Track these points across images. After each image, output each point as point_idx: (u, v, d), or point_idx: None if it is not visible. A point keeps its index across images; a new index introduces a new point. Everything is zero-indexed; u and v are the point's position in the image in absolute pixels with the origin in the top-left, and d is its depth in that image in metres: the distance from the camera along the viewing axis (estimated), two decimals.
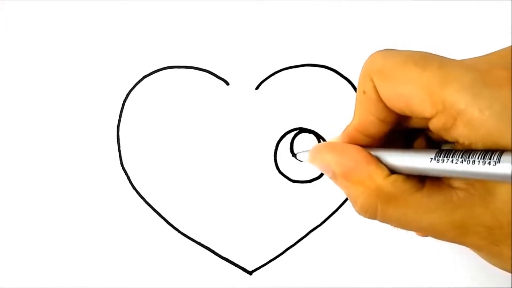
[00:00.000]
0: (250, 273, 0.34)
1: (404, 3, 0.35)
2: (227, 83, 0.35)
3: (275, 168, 0.35)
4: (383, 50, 0.22)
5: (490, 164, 0.18)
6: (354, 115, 0.24)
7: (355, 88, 0.35)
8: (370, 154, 0.23)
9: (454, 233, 0.21)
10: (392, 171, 0.22)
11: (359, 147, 0.23)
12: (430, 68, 0.20)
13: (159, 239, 0.34)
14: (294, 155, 0.35)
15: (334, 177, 0.24)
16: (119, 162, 0.34)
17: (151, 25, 0.35)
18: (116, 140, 0.35)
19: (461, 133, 0.19)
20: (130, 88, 0.35)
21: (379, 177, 0.22)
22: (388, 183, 0.21)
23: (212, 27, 0.35)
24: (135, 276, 0.34)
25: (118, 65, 0.35)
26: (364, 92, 0.22)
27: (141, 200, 0.34)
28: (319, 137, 0.35)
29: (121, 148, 0.35)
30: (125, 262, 0.34)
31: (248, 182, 0.35)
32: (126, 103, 0.35)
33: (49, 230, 0.34)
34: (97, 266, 0.34)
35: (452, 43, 0.35)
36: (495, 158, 0.18)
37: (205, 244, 0.34)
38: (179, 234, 0.34)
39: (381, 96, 0.22)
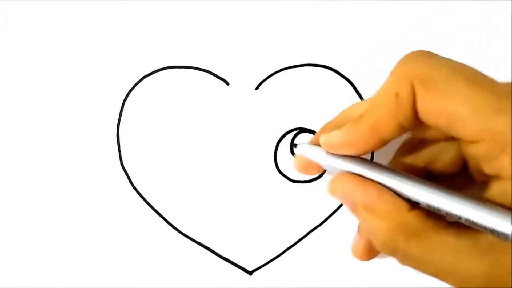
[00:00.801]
0: (250, 273, 0.34)
1: (404, 3, 0.35)
2: (227, 83, 0.35)
3: (275, 168, 0.35)
4: (424, 52, 0.20)
5: None
6: (370, 113, 0.22)
7: (355, 88, 0.35)
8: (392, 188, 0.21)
9: (481, 281, 0.19)
10: (414, 203, 0.20)
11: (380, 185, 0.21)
12: (482, 91, 0.18)
13: (159, 239, 0.34)
14: (293, 148, 0.34)
15: (354, 208, 0.22)
16: (119, 162, 0.34)
17: (151, 25, 0.35)
18: (116, 140, 0.35)
19: (505, 167, 0.18)
20: (130, 88, 0.35)
21: (403, 211, 0.20)
22: (412, 216, 0.20)
23: (212, 27, 0.35)
24: (135, 276, 0.34)
25: (118, 65, 0.35)
26: (396, 95, 0.20)
27: (141, 200, 0.34)
28: None
29: (121, 148, 0.35)
30: (125, 262, 0.34)
31: (248, 182, 0.35)
32: (126, 103, 0.35)
33: (49, 230, 0.34)
34: (97, 266, 0.34)
35: (452, 43, 0.35)
36: None
37: (205, 244, 0.34)
38: (179, 234, 0.34)
39: (419, 105, 0.20)
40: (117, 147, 0.35)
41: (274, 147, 0.35)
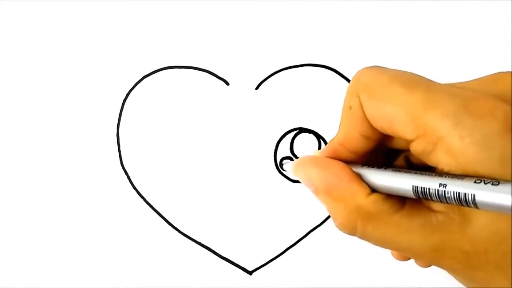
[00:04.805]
0: (250, 273, 0.34)
1: (404, 3, 0.35)
2: (227, 83, 0.35)
3: (275, 168, 0.35)
4: (372, 66, 0.22)
5: (466, 196, 0.18)
6: (339, 129, 0.24)
7: None
8: (353, 171, 0.23)
9: (431, 256, 0.21)
10: (374, 189, 0.22)
11: (343, 164, 0.23)
12: (415, 91, 0.20)
13: (159, 239, 0.34)
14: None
15: (316, 191, 0.24)
16: (119, 162, 0.34)
17: (151, 25, 0.35)
18: (116, 140, 0.35)
19: (441, 159, 0.19)
20: (130, 88, 0.35)
21: (360, 196, 0.22)
22: (369, 202, 0.22)
23: (212, 27, 0.35)
24: (135, 276, 0.34)
25: (118, 65, 0.35)
26: (350, 108, 0.22)
27: (141, 200, 0.34)
28: (319, 137, 0.35)
29: (121, 148, 0.35)
30: (125, 262, 0.34)
31: (248, 182, 0.35)
32: (126, 103, 0.35)
33: (49, 230, 0.34)
34: (97, 266, 0.34)
35: (452, 43, 0.35)
36: (470, 194, 0.18)
37: (205, 244, 0.34)
38: (179, 234, 0.34)
39: (366, 113, 0.22)
40: (117, 147, 0.35)
41: (274, 147, 0.35)
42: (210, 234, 0.34)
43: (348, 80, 0.35)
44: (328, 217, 0.35)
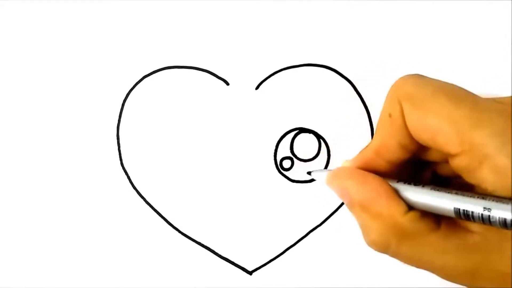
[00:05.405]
0: (250, 273, 0.34)
1: (404, 3, 0.35)
2: (227, 83, 0.35)
3: (275, 168, 0.35)
4: (414, 74, 0.22)
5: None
6: (375, 136, 0.23)
7: (355, 88, 0.35)
8: (391, 187, 0.22)
9: (467, 277, 0.20)
10: (409, 206, 0.21)
11: (381, 179, 0.22)
12: (463, 106, 0.19)
13: (159, 239, 0.34)
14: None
15: (351, 205, 0.23)
16: (119, 162, 0.34)
17: (151, 25, 0.35)
18: (116, 140, 0.35)
19: (485, 178, 0.19)
20: (130, 88, 0.35)
21: (398, 213, 0.21)
22: (406, 220, 0.21)
23: (212, 27, 0.35)
24: (135, 276, 0.34)
25: (118, 65, 0.35)
26: (390, 115, 0.22)
27: (141, 200, 0.34)
28: (319, 137, 0.35)
29: (121, 148, 0.35)
30: (125, 262, 0.34)
31: (248, 182, 0.35)
32: (126, 103, 0.35)
33: (49, 230, 0.34)
34: (97, 266, 0.34)
35: (452, 43, 0.35)
36: None
37: (205, 244, 0.34)
38: (179, 234, 0.34)
39: (407, 123, 0.21)
40: (117, 147, 0.35)
41: (274, 147, 0.35)
42: (210, 234, 0.34)
43: (348, 80, 0.35)
44: (328, 217, 0.35)
